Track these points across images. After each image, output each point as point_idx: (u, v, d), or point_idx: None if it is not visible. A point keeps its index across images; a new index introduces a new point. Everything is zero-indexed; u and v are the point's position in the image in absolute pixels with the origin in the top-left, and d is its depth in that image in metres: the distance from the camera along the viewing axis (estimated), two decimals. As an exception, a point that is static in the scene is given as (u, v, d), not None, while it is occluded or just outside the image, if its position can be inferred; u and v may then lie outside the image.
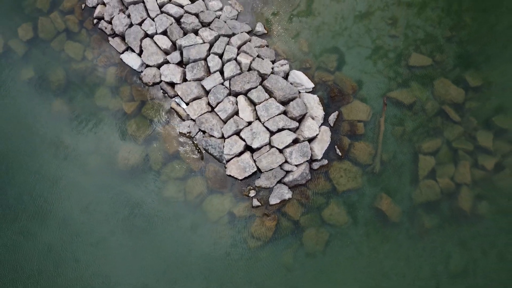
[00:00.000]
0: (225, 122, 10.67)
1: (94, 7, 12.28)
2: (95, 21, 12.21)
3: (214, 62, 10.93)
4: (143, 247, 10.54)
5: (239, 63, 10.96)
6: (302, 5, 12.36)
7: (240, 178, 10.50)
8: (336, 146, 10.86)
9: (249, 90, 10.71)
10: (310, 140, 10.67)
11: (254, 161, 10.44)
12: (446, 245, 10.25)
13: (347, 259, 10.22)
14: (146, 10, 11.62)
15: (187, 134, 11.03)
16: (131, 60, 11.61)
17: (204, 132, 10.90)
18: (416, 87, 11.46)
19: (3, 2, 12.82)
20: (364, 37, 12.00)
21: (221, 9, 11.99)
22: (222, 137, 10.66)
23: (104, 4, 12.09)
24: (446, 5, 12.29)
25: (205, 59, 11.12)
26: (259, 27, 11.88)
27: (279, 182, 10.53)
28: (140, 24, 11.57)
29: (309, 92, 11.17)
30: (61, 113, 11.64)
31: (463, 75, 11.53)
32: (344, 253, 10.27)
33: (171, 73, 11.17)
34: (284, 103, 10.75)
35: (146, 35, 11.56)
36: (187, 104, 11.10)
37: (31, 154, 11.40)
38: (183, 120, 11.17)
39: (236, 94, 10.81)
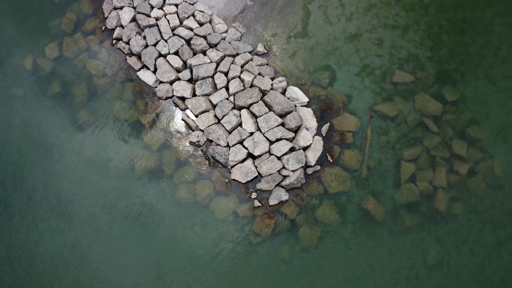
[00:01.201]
0: (230, 132, 12.12)
1: (113, 29, 13.78)
2: (114, 41, 13.71)
3: (220, 80, 12.40)
4: (157, 242, 11.94)
5: (242, 80, 12.43)
6: (298, 27, 13.84)
7: (243, 182, 11.93)
8: (327, 154, 12.30)
9: (251, 104, 12.18)
10: (305, 148, 12.10)
11: (256, 167, 11.88)
12: (424, 241, 11.63)
13: (337, 253, 11.60)
14: (160, 32, 13.11)
15: (196, 143, 12.48)
16: (147, 77, 13.09)
17: (211, 141, 12.36)
18: (399, 101, 12.89)
19: (31, 24, 14.34)
20: (354, 56, 13.46)
21: (226, 31, 13.47)
22: (227, 145, 12.11)
23: (122, 26, 13.59)
24: (427, 28, 13.76)
25: (212, 77, 12.60)
26: (260, 47, 13.35)
27: (278, 185, 11.96)
28: (154, 45, 13.06)
29: (304, 106, 12.62)
30: (84, 123, 13.11)
31: (441, 90, 12.97)
32: (335, 248, 11.65)
33: (182, 89, 12.64)
34: (282, 116, 12.20)
35: (160, 55, 13.04)
36: (196, 116, 12.57)
37: (58, 160, 12.85)
38: (193, 130, 12.63)
39: (239, 108, 12.28)
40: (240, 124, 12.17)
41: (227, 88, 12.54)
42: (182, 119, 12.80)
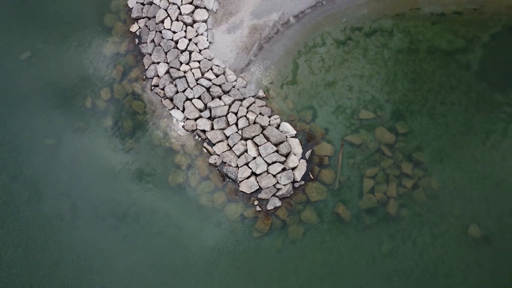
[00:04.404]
0: (239, 157, 16.68)
1: (152, 78, 18.47)
2: (152, 87, 18.39)
3: (231, 118, 17.01)
4: (185, 237, 16.41)
5: (247, 119, 17.03)
6: (289, 77, 18.46)
7: (248, 192, 16.43)
8: (310, 172, 16.78)
9: (254, 136, 16.76)
10: (293, 168, 16.62)
11: (257, 182, 16.40)
12: (380, 236, 15.97)
13: (316, 245, 16.01)
14: (187, 82, 17.76)
15: (214, 164, 17.03)
16: (177, 115, 17.72)
17: (225, 163, 16.91)
18: (363, 133, 17.38)
19: (90, 73, 19.08)
20: (330, 99, 18.03)
21: (235, 80, 18.11)
22: (237, 166, 16.65)
23: (158, 76, 18.28)
24: (385, 77, 18.32)
25: (226, 116, 17.20)
26: (260, 93, 17.96)
27: (273, 195, 16.44)
28: (183, 91, 17.71)
29: (292, 137, 17.16)
30: (131, 149, 17.72)
31: (395, 125, 17.43)
32: (314, 241, 16.05)
33: (203, 124, 17.24)
34: (277, 145, 16.76)
35: (187, 99, 17.67)
36: (214, 144, 17.14)
37: (112, 176, 17.43)
38: (211, 155, 17.19)
39: (246, 139, 16.86)
40: (246, 151, 16.72)
41: (236, 124, 17.12)
42: (203, 147, 17.37)
